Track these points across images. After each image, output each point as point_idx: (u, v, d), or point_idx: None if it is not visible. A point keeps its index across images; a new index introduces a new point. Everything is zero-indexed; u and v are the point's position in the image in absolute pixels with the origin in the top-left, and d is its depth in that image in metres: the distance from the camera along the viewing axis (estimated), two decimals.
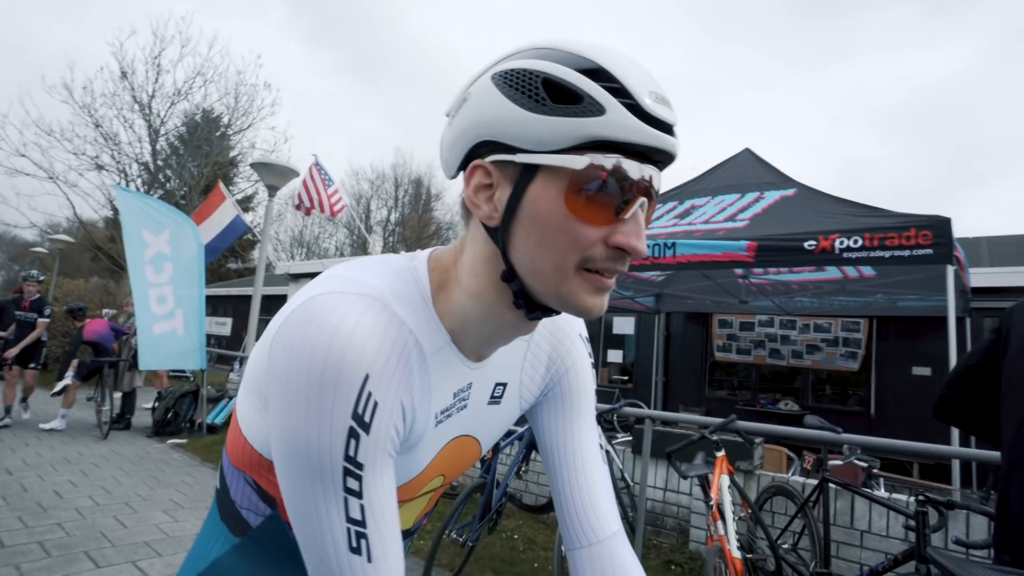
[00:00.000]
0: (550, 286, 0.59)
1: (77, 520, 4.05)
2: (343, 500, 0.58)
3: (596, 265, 0.58)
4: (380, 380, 0.58)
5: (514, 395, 0.80)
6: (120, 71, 14.41)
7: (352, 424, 0.56)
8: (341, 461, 0.57)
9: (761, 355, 10.23)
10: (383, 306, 0.60)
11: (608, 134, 0.53)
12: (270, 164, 7.28)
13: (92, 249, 15.63)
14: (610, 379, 12.21)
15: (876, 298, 7.64)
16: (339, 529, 0.58)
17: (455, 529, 3.43)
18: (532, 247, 0.58)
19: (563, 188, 0.55)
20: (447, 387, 0.69)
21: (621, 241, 0.57)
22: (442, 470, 0.78)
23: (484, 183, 0.60)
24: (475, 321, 0.66)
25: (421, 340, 0.63)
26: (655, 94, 0.55)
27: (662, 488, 4.40)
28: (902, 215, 4.63)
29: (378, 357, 0.58)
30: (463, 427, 0.76)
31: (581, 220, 0.56)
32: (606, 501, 0.83)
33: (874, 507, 3.40)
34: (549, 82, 0.54)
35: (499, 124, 0.56)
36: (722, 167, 7.09)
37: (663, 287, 9.04)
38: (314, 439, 0.56)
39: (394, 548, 0.61)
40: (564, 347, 0.85)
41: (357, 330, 0.57)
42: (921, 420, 8.49)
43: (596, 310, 0.60)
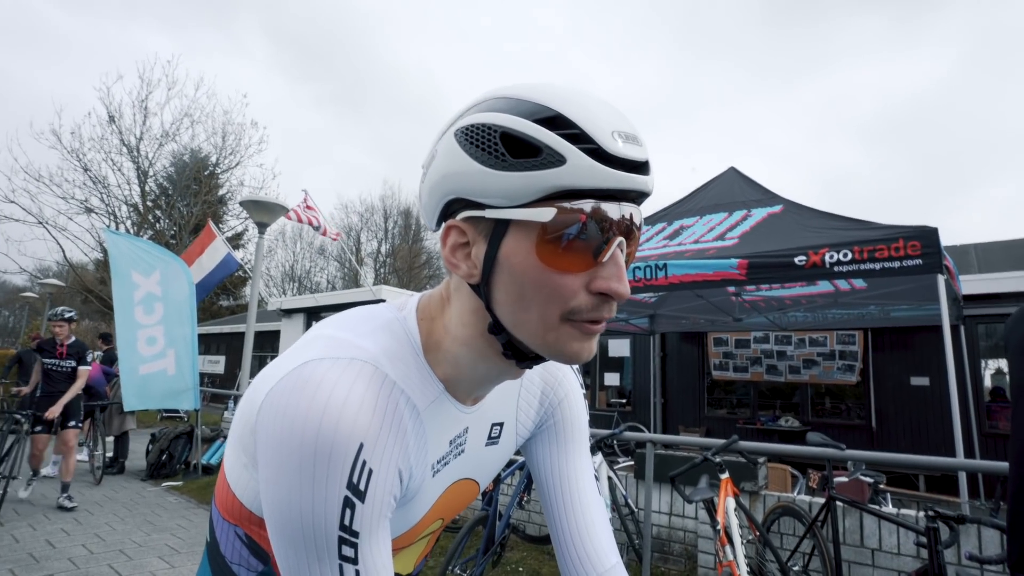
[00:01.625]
0: (536, 338, 0.58)
1: (71, 570, 3.93)
2: (338, 568, 0.56)
3: (582, 316, 0.56)
4: (374, 448, 0.57)
5: (511, 432, 0.80)
6: (108, 115, 14.53)
7: (347, 494, 0.55)
8: (336, 531, 0.55)
9: (758, 372, 10.20)
10: (374, 370, 0.60)
11: (571, 183, 0.52)
12: (259, 201, 7.29)
13: (83, 292, 15.51)
14: (608, 402, 12.13)
15: (869, 310, 7.67)
16: None
17: (459, 564, 3.35)
18: (513, 302, 0.57)
19: (534, 240, 0.54)
20: (443, 437, 0.68)
21: (602, 286, 0.55)
22: (440, 514, 0.77)
23: (460, 242, 0.59)
24: (467, 368, 0.65)
25: (414, 397, 0.63)
26: (619, 133, 0.53)
27: (667, 513, 4.33)
28: (889, 227, 4.67)
29: (371, 425, 0.57)
30: (461, 471, 0.75)
31: (558, 270, 0.54)
32: (603, 533, 0.81)
33: (884, 524, 3.35)
34: (507, 136, 0.53)
35: (465, 181, 0.56)
36: (708, 186, 7.17)
37: (656, 308, 9.04)
38: (308, 510, 0.55)
39: None
40: (556, 379, 0.84)
41: (350, 399, 0.56)
42: (923, 429, 8.46)
43: (585, 356, 0.59)
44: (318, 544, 0.55)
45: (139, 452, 8.28)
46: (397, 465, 0.60)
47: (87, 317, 21.63)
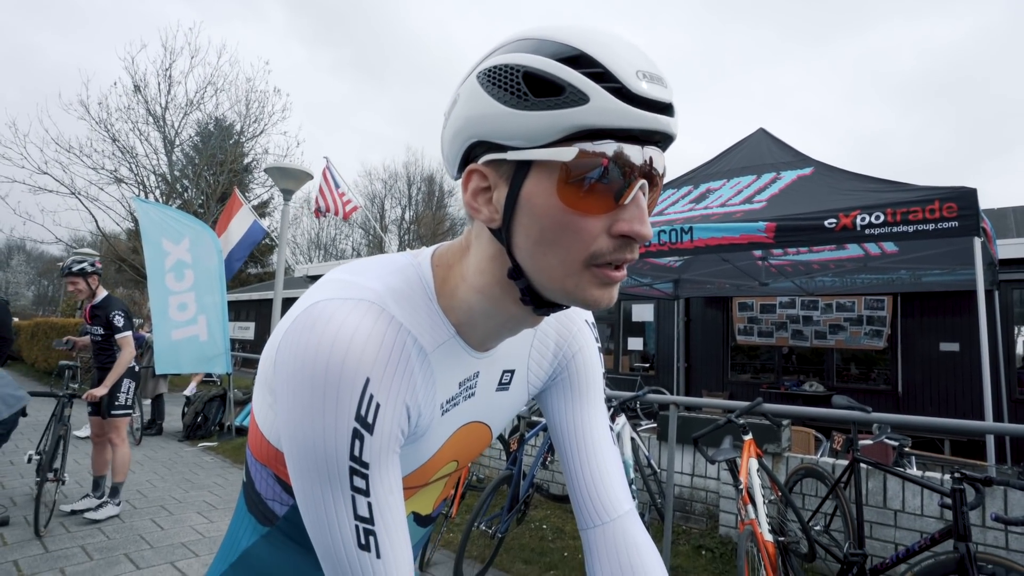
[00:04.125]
0: (556, 282, 0.58)
1: (116, 524, 4.15)
2: (351, 499, 0.60)
3: (604, 259, 0.56)
4: (380, 383, 0.59)
5: (522, 380, 0.81)
6: (133, 85, 14.60)
7: (356, 426, 0.58)
8: (347, 461, 0.59)
9: (783, 337, 10.11)
10: (380, 310, 0.61)
11: (594, 122, 0.52)
12: (284, 168, 7.34)
13: (116, 261, 15.90)
14: (631, 367, 12.17)
15: (900, 274, 7.51)
16: (348, 527, 0.60)
17: (484, 521, 3.45)
18: (534, 245, 0.57)
19: (556, 181, 0.54)
20: (452, 378, 0.70)
21: (624, 228, 0.55)
22: (454, 455, 0.79)
23: (481, 186, 0.59)
24: (480, 316, 0.66)
25: (422, 338, 0.65)
26: (643, 73, 0.53)
27: (689, 474, 4.38)
28: (925, 188, 4.54)
29: (377, 361, 0.59)
30: (472, 414, 0.77)
31: (579, 212, 0.54)
32: (617, 481, 0.83)
33: (907, 486, 3.36)
34: (529, 75, 0.53)
35: (487, 124, 0.55)
36: (736, 148, 7.00)
37: (681, 272, 8.97)
38: (320, 441, 0.58)
39: (401, 543, 0.63)
40: (571, 333, 0.85)
41: (356, 337, 0.58)
42: (950, 396, 8.35)
43: (605, 302, 0.59)
44: (331, 474, 0.59)
45: (175, 415, 8.60)
46: (404, 402, 0.62)
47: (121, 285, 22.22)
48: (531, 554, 3.86)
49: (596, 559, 0.80)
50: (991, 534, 3.07)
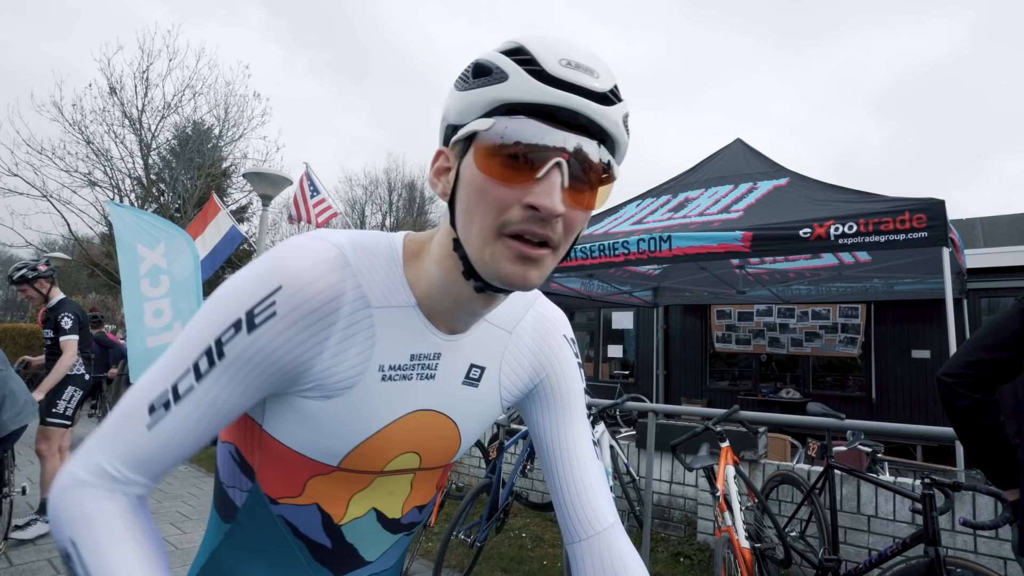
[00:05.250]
0: (476, 251, 0.61)
1: None
2: (184, 370, 0.63)
3: (514, 228, 0.59)
4: (288, 299, 0.63)
5: (493, 382, 0.81)
6: (109, 87, 14.36)
7: (241, 316, 0.62)
8: (211, 339, 0.63)
9: (761, 344, 10.25)
10: (336, 251, 0.66)
11: (509, 96, 0.57)
12: (263, 174, 7.27)
13: (89, 266, 15.56)
14: (611, 374, 12.22)
15: (873, 283, 7.66)
16: (159, 386, 0.63)
17: (463, 530, 3.43)
18: (463, 213, 0.62)
19: (477, 152, 0.59)
20: (401, 345, 0.70)
21: (532, 200, 0.58)
22: (412, 445, 0.76)
23: (444, 166, 0.66)
24: (438, 288, 0.69)
25: (370, 290, 0.68)
26: (569, 61, 0.58)
27: (668, 481, 4.41)
28: (895, 199, 4.64)
29: (296, 281, 0.63)
30: (431, 400, 0.75)
31: (496, 180, 0.58)
32: (602, 494, 0.84)
33: (880, 491, 3.42)
34: (476, 65, 0.61)
35: (448, 110, 0.64)
36: (714, 158, 7.11)
37: (660, 280, 9.05)
38: (212, 307, 0.64)
39: (184, 443, 0.64)
40: (549, 347, 0.86)
41: (298, 255, 0.65)
42: (922, 402, 8.52)
43: (519, 280, 0.61)
44: (192, 339, 0.64)
45: None
46: (297, 344, 0.64)
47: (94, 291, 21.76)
48: (510, 563, 3.85)
49: (582, 573, 0.80)
50: (960, 538, 3.14)
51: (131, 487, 0.64)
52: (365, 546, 0.81)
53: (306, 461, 0.73)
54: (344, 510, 0.77)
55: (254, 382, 0.64)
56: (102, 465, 0.63)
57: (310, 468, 0.73)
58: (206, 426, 0.65)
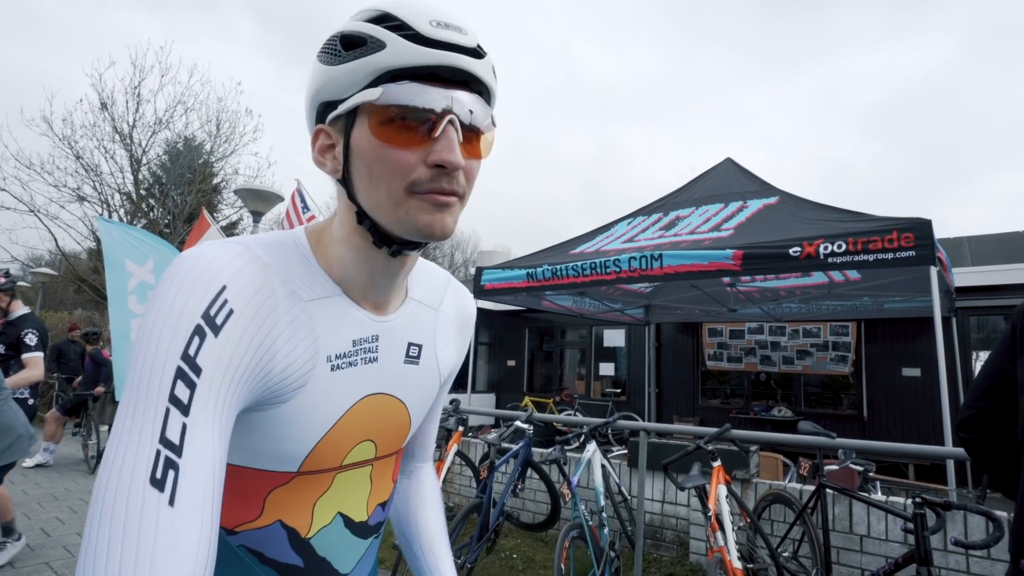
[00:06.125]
0: (388, 215, 0.63)
1: (66, 558, 3.95)
2: (164, 413, 0.50)
3: (423, 187, 0.61)
4: (239, 295, 0.59)
5: (431, 357, 0.84)
6: (100, 102, 14.34)
7: (200, 322, 0.55)
8: (176, 359, 0.52)
9: (752, 362, 10.26)
10: (245, 249, 0.64)
11: (392, 62, 0.59)
12: (254, 190, 7.25)
13: (75, 281, 15.42)
14: (603, 392, 12.18)
15: (863, 301, 7.72)
16: (146, 450, 0.48)
17: (453, 551, 3.37)
18: (364, 183, 0.63)
19: (370, 122, 0.61)
20: (342, 333, 0.70)
21: (436, 158, 0.60)
22: (367, 433, 0.76)
23: (327, 144, 0.66)
24: (352, 267, 0.70)
25: (296, 286, 0.67)
26: (437, 22, 0.60)
27: (660, 500, 4.37)
28: (883, 219, 4.69)
29: (237, 277, 0.60)
30: (379, 383, 0.76)
31: (395, 146, 0.60)
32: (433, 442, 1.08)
33: (872, 511, 3.40)
34: (343, 36, 0.62)
35: (321, 87, 0.64)
36: (705, 177, 7.17)
37: (652, 298, 9.07)
38: (156, 336, 0.53)
39: (209, 495, 0.50)
40: (465, 330, 0.94)
41: (217, 255, 0.60)
42: (913, 420, 8.54)
43: (438, 227, 0.63)
44: (151, 376, 0.51)
45: None
46: (261, 334, 0.61)
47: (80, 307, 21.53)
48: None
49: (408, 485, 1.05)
50: (953, 558, 3.12)
51: None
52: (339, 557, 0.78)
53: (263, 475, 0.69)
54: (309, 520, 0.74)
55: (231, 400, 0.56)
56: None
57: (267, 481, 0.70)
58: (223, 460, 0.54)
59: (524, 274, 6.19)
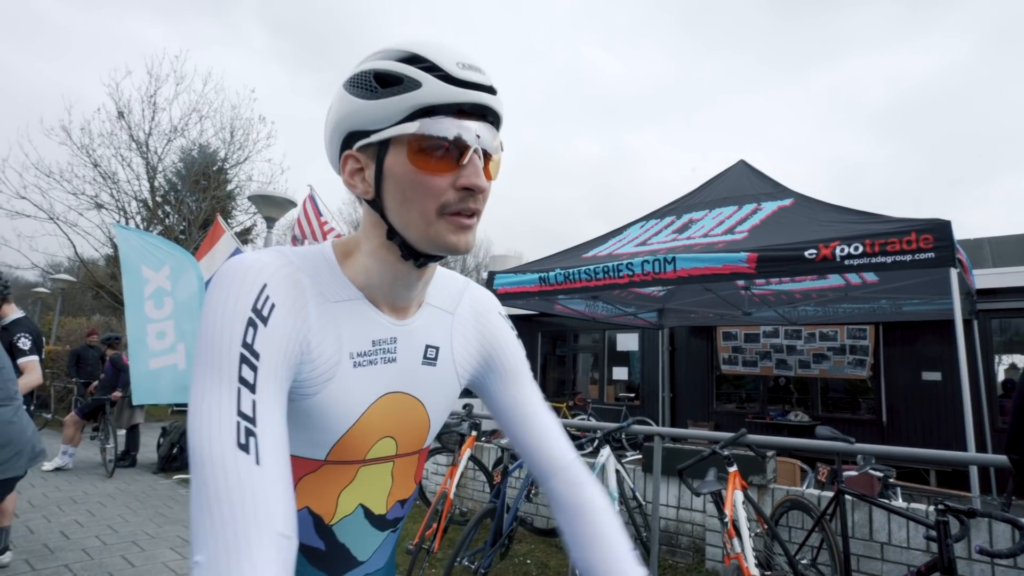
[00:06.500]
0: (420, 232, 0.72)
1: (85, 561, 3.98)
2: (236, 391, 0.61)
3: (453, 208, 0.70)
4: (276, 291, 0.69)
5: (448, 361, 0.89)
6: (117, 111, 14.54)
7: (251, 315, 0.65)
8: (239, 347, 0.63)
9: (768, 366, 10.15)
10: (279, 254, 0.74)
11: (428, 100, 0.67)
12: (267, 196, 7.32)
13: (93, 287, 15.61)
14: (616, 396, 12.11)
15: (880, 304, 7.60)
16: (228, 422, 0.59)
17: (467, 556, 3.36)
18: (398, 205, 0.71)
19: (407, 151, 0.69)
20: (363, 333, 0.78)
21: (464, 182, 0.69)
22: (387, 430, 0.83)
23: (356, 168, 0.74)
24: (376, 275, 0.78)
25: (323, 288, 0.75)
26: (463, 63, 0.69)
27: (675, 506, 4.32)
28: (901, 220, 4.62)
29: (274, 276, 0.70)
30: (398, 382, 0.83)
31: (428, 172, 0.69)
32: (561, 438, 0.95)
33: (893, 518, 3.33)
34: (378, 74, 0.69)
35: (353, 117, 0.71)
36: (718, 180, 7.12)
37: (665, 302, 9.01)
38: (218, 328, 0.64)
39: (283, 458, 0.61)
40: (490, 324, 0.97)
41: (258, 259, 0.71)
42: (934, 425, 8.39)
43: (463, 246, 0.72)
44: (221, 362, 0.62)
45: (150, 446, 8.37)
46: (299, 325, 0.70)
47: (98, 312, 21.83)
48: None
49: (556, 504, 0.92)
50: (978, 567, 3.05)
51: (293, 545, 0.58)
52: (357, 545, 0.85)
53: (296, 460, 0.77)
54: (334, 508, 0.82)
55: (283, 382, 0.67)
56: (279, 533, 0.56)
57: (300, 467, 0.78)
58: (285, 430, 0.64)
59: (536, 278, 6.18)
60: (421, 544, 3.64)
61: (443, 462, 5.62)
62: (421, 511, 5.15)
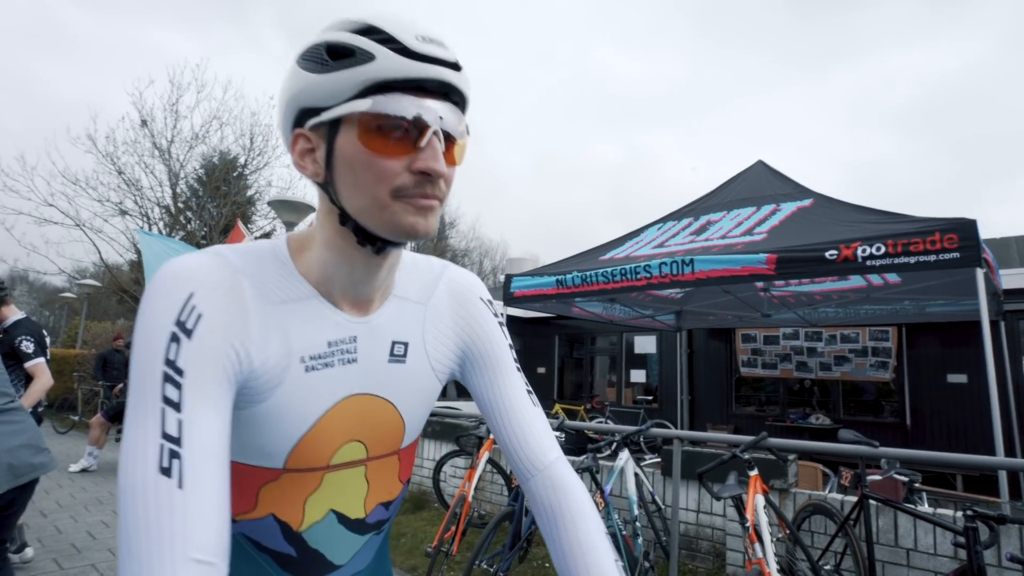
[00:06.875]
0: (374, 218, 0.66)
1: (111, 560, 4.05)
2: (160, 412, 0.58)
3: (408, 192, 0.65)
4: (205, 299, 0.63)
5: (420, 357, 0.83)
6: (140, 119, 14.82)
7: (174, 329, 0.61)
8: (161, 365, 0.59)
9: (788, 369, 10.02)
10: (215, 255, 0.68)
11: (381, 75, 0.62)
12: (287, 201, 7.40)
13: (118, 292, 15.90)
14: (634, 399, 12.05)
15: (903, 305, 7.47)
16: (152, 445, 0.56)
17: (485, 559, 3.36)
18: (350, 188, 0.66)
19: (358, 131, 0.63)
20: (315, 334, 0.73)
21: (421, 166, 0.64)
22: (352, 434, 0.78)
23: (306, 148, 0.68)
24: (334, 267, 0.72)
25: (268, 289, 0.70)
26: (422, 36, 0.63)
27: (695, 510, 4.28)
28: (925, 219, 4.54)
29: (203, 283, 0.64)
30: (362, 383, 0.77)
31: (381, 155, 0.63)
32: (543, 434, 0.88)
33: (919, 524, 3.27)
34: (330, 47, 0.64)
35: (303, 93, 0.65)
36: (736, 181, 7.06)
37: (683, 304, 8.94)
38: (142, 344, 0.60)
39: (213, 478, 0.58)
40: (469, 314, 0.90)
41: (187, 265, 0.65)
42: (960, 429, 8.22)
43: (421, 228, 0.66)
44: (146, 380, 0.59)
45: None
46: (232, 333, 0.65)
47: (122, 316, 22.24)
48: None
49: (535, 505, 0.86)
50: (1008, 575, 2.98)
51: None
52: (331, 550, 0.81)
53: (253, 470, 0.73)
54: (301, 516, 0.77)
55: (219, 394, 0.62)
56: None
57: (258, 476, 0.74)
58: (223, 446, 0.60)
59: (553, 281, 6.17)
60: (440, 547, 3.65)
61: (461, 465, 5.63)
62: (440, 514, 5.17)
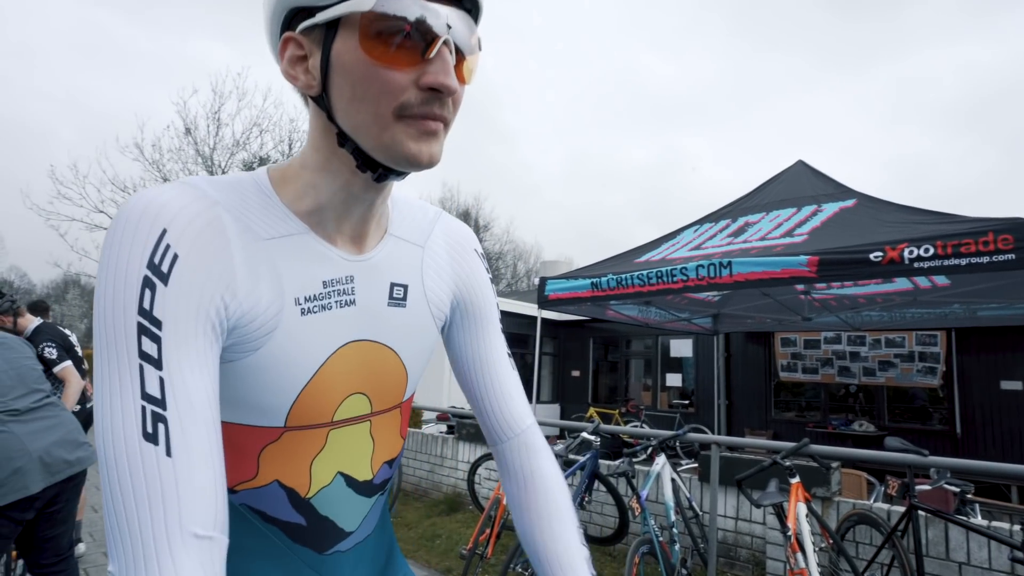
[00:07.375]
0: (373, 138, 0.58)
1: None
2: (138, 369, 0.51)
3: (413, 111, 0.57)
4: (181, 237, 0.55)
5: (420, 299, 0.78)
6: (184, 128, 15.35)
7: (147, 273, 0.53)
8: (134, 316, 0.52)
9: (829, 373, 9.75)
10: (190, 188, 0.59)
11: None
12: None
13: None
14: (670, 403, 11.89)
15: (953, 308, 7.19)
16: (131, 409, 0.50)
17: (520, 562, 3.36)
18: (347, 102, 0.58)
19: (359, 35, 0.55)
20: (309, 273, 0.66)
21: (430, 80, 0.56)
22: (356, 385, 0.72)
23: (298, 54, 0.60)
24: (326, 194, 0.65)
25: (252, 223, 0.62)
26: None
27: (733, 517, 4.20)
28: (976, 220, 4.36)
29: (178, 218, 0.56)
30: (360, 328, 0.71)
31: (385, 65, 0.56)
32: (521, 399, 0.87)
33: (972, 536, 3.14)
34: None
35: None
36: (775, 181, 6.91)
37: (720, 307, 8.78)
38: (109, 293, 0.52)
39: (204, 442, 0.52)
40: (465, 262, 0.86)
41: (157, 197, 0.56)
42: (1014, 438, 7.87)
43: (425, 157, 0.59)
44: (117, 335, 0.51)
45: None
46: (216, 275, 0.57)
47: None
48: None
49: (505, 470, 0.86)
50: None
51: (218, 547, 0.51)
52: (342, 516, 0.75)
53: (251, 430, 0.66)
54: (308, 480, 0.71)
55: (204, 345, 0.55)
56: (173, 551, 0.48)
57: (257, 437, 0.67)
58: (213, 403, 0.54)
59: (588, 283, 6.13)
60: (475, 549, 3.66)
61: (495, 467, 5.65)
62: (474, 516, 5.19)
